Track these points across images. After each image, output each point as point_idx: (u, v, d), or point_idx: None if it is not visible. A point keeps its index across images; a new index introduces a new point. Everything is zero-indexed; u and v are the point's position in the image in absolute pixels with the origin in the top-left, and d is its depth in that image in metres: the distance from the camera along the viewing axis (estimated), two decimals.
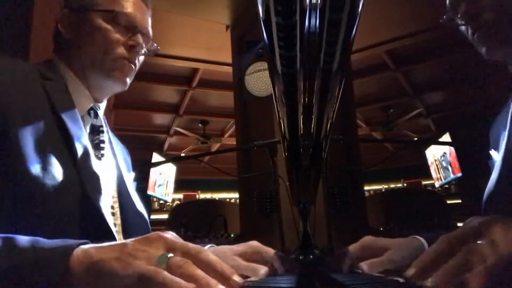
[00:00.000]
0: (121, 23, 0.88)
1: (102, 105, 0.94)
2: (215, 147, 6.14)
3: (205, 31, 3.54)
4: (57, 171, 0.70)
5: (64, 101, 0.80)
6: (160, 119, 5.64)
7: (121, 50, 0.88)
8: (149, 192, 5.50)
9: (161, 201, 6.16)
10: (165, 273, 0.46)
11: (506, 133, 0.84)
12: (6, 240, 0.50)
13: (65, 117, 0.76)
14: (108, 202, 0.83)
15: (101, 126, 0.90)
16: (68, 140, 0.75)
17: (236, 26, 3.24)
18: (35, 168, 0.68)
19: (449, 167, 5.29)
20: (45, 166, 0.69)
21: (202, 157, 4.53)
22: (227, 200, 6.68)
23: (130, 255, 0.48)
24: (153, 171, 5.44)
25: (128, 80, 0.92)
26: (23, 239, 0.50)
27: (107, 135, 0.93)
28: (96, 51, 0.86)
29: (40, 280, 0.46)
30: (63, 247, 0.49)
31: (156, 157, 5.33)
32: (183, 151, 6.48)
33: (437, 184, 5.86)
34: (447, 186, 5.73)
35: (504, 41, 0.78)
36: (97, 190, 0.76)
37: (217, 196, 7.15)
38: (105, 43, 0.86)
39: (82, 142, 0.78)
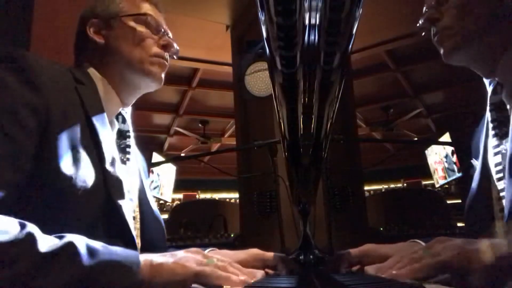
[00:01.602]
0: (151, 26, 0.94)
1: (128, 109, 0.96)
2: (215, 147, 6.14)
3: (205, 31, 3.54)
4: (86, 173, 0.72)
5: (95, 105, 0.81)
6: (160, 119, 5.64)
7: (156, 49, 0.93)
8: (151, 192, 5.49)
9: (161, 201, 6.16)
10: (219, 271, 0.62)
11: (482, 145, 0.87)
12: (85, 243, 0.57)
13: (95, 121, 0.78)
14: (130, 206, 0.85)
15: (128, 131, 0.92)
16: (97, 144, 0.77)
17: (236, 26, 3.24)
18: (69, 169, 0.69)
19: (455, 167, 5.29)
20: (76, 168, 0.71)
21: (202, 157, 4.53)
22: (227, 200, 6.68)
23: (184, 260, 0.63)
24: None
25: (163, 77, 0.95)
26: (98, 243, 0.59)
27: (133, 140, 0.95)
28: (134, 50, 0.90)
29: (116, 282, 0.56)
30: (132, 254, 0.60)
31: (156, 157, 5.33)
32: (183, 151, 6.48)
33: (439, 183, 5.86)
34: (447, 186, 5.73)
35: (458, 46, 0.84)
36: (121, 195, 0.78)
37: (217, 196, 7.15)
38: (141, 42, 0.91)
39: (110, 146, 0.80)
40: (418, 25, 0.91)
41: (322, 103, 0.50)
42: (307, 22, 0.38)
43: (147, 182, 1.01)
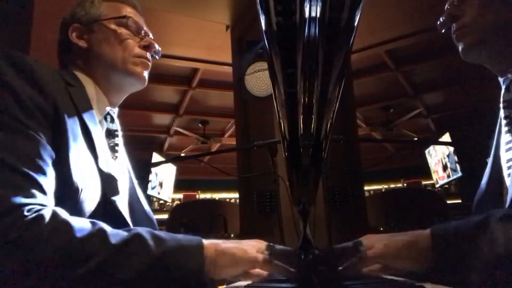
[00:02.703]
0: (132, 28, 0.95)
1: (116, 109, 0.98)
2: (215, 147, 6.14)
3: (205, 31, 3.53)
4: (85, 172, 0.74)
5: (85, 106, 0.83)
6: (160, 119, 5.63)
7: (138, 50, 0.95)
8: (149, 192, 5.51)
9: (161, 201, 6.16)
10: (273, 262, 0.66)
11: (494, 141, 0.89)
12: (150, 232, 0.63)
13: (87, 121, 0.80)
14: (125, 203, 0.88)
15: (116, 130, 0.94)
16: (91, 143, 0.79)
17: (236, 26, 3.24)
18: (71, 168, 0.71)
19: (457, 166, 5.29)
20: (77, 167, 0.73)
21: (202, 157, 4.52)
22: (227, 200, 6.67)
23: (246, 246, 0.67)
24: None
25: (147, 76, 0.98)
26: (161, 232, 0.64)
27: (121, 139, 0.97)
28: (117, 52, 0.92)
29: (185, 265, 0.60)
30: (194, 238, 0.65)
31: (156, 157, 5.33)
32: (183, 151, 6.47)
33: (439, 183, 5.85)
34: (447, 186, 5.73)
35: (477, 43, 0.86)
36: (116, 192, 0.80)
37: (217, 196, 7.15)
38: (123, 43, 0.93)
39: (102, 145, 0.82)
40: (439, 22, 0.93)
41: (322, 103, 0.50)
42: (307, 20, 0.38)
43: (136, 181, 1.03)
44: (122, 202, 0.82)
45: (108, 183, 0.79)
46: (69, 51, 0.94)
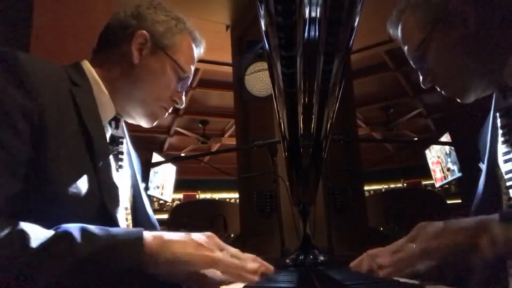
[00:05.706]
0: (181, 81, 0.96)
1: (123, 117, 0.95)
2: (215, 147, 6.14)
3: (205, 31, 3.53)
4: (79, 180, 0.70)
5: (90, 109, 0.78)
6: (160, 119, 5.63)
7: (167, 101, 0.96)
8: (149, 192, 5.51)
9: (161, 201, 6.16)
10: (230, 258, 0.60)
11: (488, 150, 0.88)
12: (81, 229, 0.57)
13: (89, 125, 0.75)
14: (123, 214, 0.83)
15: (121, 137, 0.90)
16: (91, 149, 0.74)
17: (236, 26, 3.24)
18: (61, 175, 0.68)
19: (457, 166, 5.28)
20: (69, 174, 0.69)
21: (202, 157, 4.53)
22: (227, 200, 6.68)
23: (199, 242, 0.60)
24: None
25: (155, 124, 0.99)
26: (96, 228, 0.58)
27: (126, 146, 0.93)
28: (156, 89, 0.91)
29: (121, 262, 0.55)
30: (135, 231, 0.58)
31: (156, 157, 5.33)
32: (183, 151, 6.47)
33: (440, 182, 5.85)
34: (447, 186, 5.72)
35: (465, 91, 0.89)
36: (115, 202, 0.76)
37: (217, 196, 7.15)
38: (162, 90, 0.92)
39: (104, 152, 0.78)
40: (421, 82, 0.97)
41: (322, 103, 0.50)
42: (307, 20, 0.38)
43: (143, 186, 0.99)
44: (121, 213, 0.78)
45: (108, 192, 0.74)
46: (116, 48, 0.89)
